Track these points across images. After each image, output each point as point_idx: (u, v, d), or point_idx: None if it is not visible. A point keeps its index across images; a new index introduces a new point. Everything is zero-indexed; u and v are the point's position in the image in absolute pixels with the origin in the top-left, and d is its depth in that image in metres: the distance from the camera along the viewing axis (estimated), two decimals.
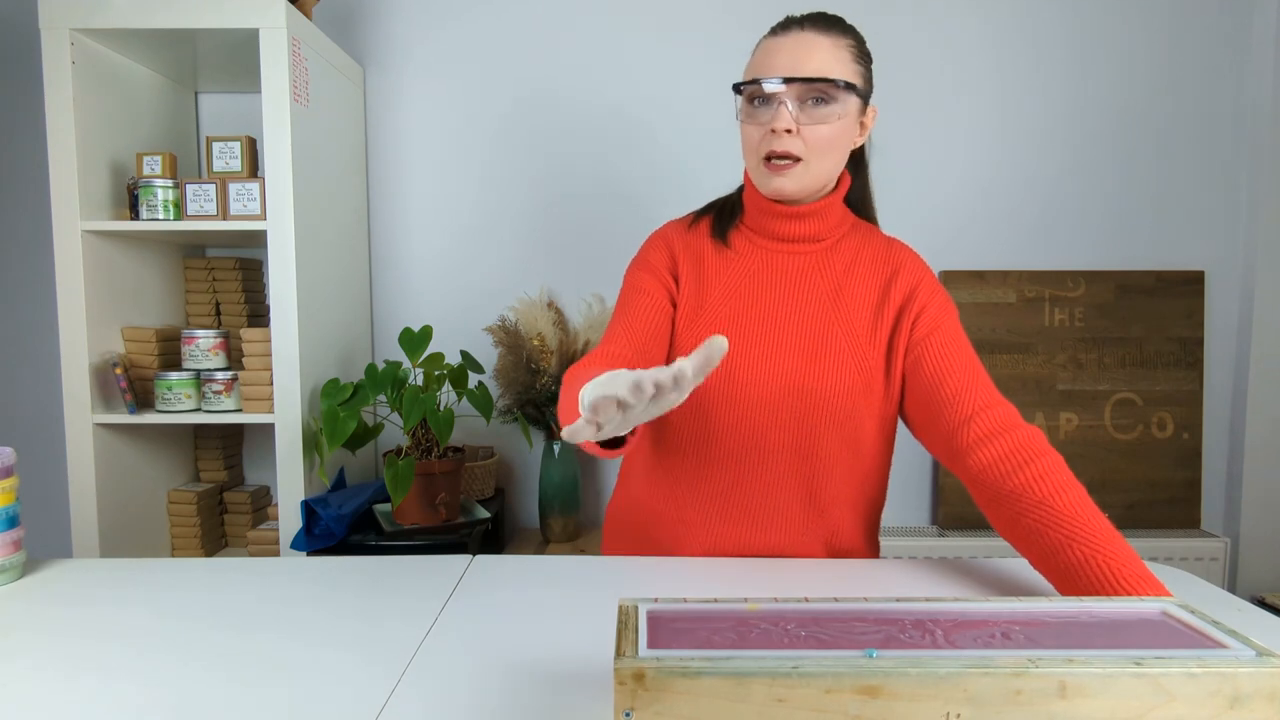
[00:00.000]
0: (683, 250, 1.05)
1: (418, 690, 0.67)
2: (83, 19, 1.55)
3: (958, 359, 0.96)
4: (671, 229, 1.09)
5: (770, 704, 0.50)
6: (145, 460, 1.79)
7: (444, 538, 1.62)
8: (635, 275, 1.05)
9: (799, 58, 0.91)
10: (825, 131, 0.93)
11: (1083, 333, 2.03)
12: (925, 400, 0.97)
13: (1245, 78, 2.02)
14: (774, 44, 0.94)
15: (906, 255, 1.04)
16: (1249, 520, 2.04)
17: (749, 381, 0.98)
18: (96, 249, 1.63)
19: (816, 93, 0.92)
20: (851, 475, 1.02)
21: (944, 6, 2.01)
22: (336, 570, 0.97)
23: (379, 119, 2.06)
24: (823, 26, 0.93)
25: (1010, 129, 2.04)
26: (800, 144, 0.93)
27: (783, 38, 0.94)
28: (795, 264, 1.02)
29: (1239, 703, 0.51)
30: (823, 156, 0.94)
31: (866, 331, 1.00)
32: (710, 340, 0.57)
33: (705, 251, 1.05)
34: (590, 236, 2.06)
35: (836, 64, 0.92)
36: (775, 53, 0.93)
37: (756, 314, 1.01)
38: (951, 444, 0.93)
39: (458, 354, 2.01)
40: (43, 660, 0.73)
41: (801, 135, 0.92)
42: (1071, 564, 0.79)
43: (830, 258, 1.03)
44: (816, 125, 0.92)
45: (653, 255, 1.06)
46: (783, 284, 1.02)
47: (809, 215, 1.01)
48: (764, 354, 0.99)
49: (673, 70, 2.02)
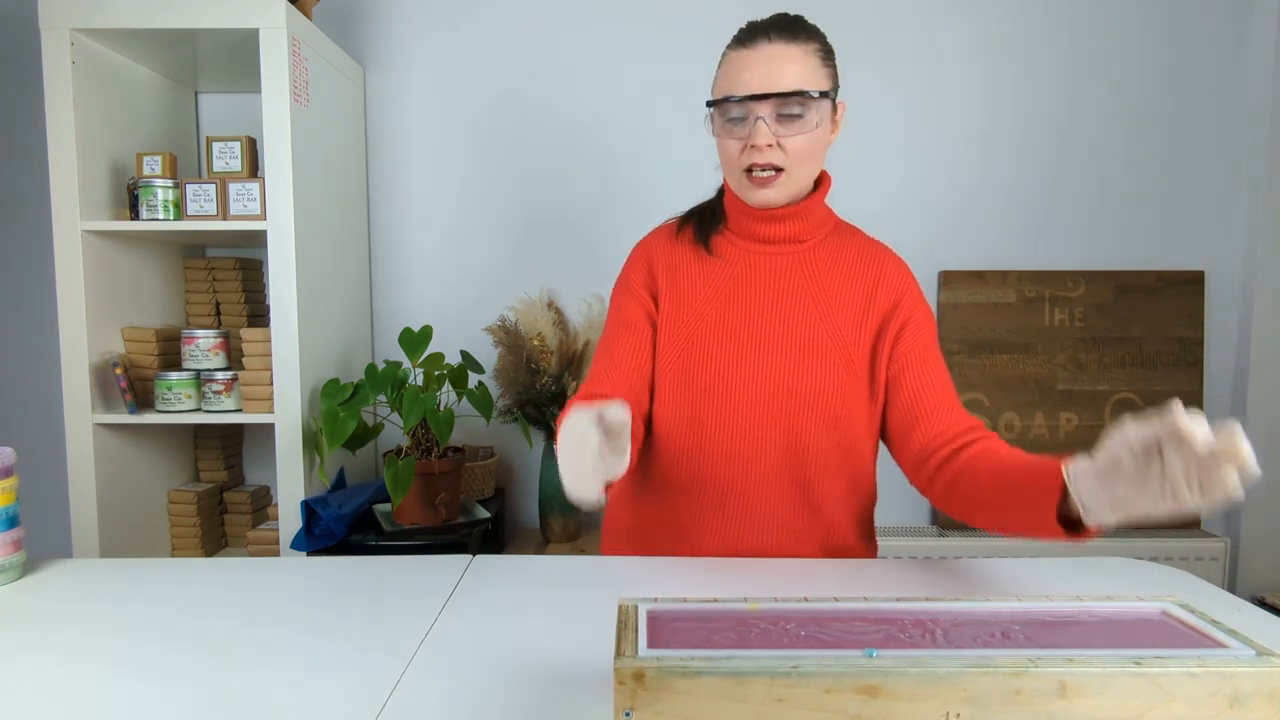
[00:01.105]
0: (661, 262, 1.06)
1: (418, 690, 0.67)
2: (83, 19, 1.55)
3: (935, 383, 0.99)
4: (653, 240, 1.10)
5: (770, 704, 0.50)
6: (145, 460, 1.79)
7: (444, 538, 1.62)
8: (618, 301, 1.08)
9: (771, 72, 0.91)
10: (804, 140, 0.93)
11: (1083, 333, 2.03)
12: (901, 420, 0.99)
13: (1245, 78, 2.02)
14: (742, 57, 0.94)
15: (890, 259, 1.05)
16: (1249, 520, 2.04)
17: (738, 380, 0.99)
18: (96, 249, 1.63)
19: (793, 105, 0.92)
20: (843, 473, 1.02)
21: (943, 4, 2.01)
22: (336, 570, 0.97)
23: (379, 119, 2.06)
24: (788, 34, 0.93)
25: (1010, 129, 2.04)
26: (781, 155, 0.93)
27: (751, 50, 0.93)
28: (778, 265, 1.03)
29: (1239, 702, 0.51)
30: (803, 165, 0.95)
31: (852, 331, 1.00)
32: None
33: (687, 259, 1.06)
34: (590, 236, 2.06)
35: (808, 73, 0.92)
36: (745, 67, 0.93)
37: (742, 315, 1.01)
38: (922, 466, 0.96)
39: (458, 354, 2.00)
40: (43, 660, 0.73)
41: (783, 146, 0.93)
42: (1011, 483, 0.82)
43: (813, 258, 1.03)
44: (794, 136, 0.93)
45: (632, 275, 1.08)
46: (766, 285, 1.02)
47: (791, 217, 1.01)
48: (751, 354, 1.00)
49: (673, 69, 2.02)
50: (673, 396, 1.02)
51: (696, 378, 1.00)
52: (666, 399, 1.03)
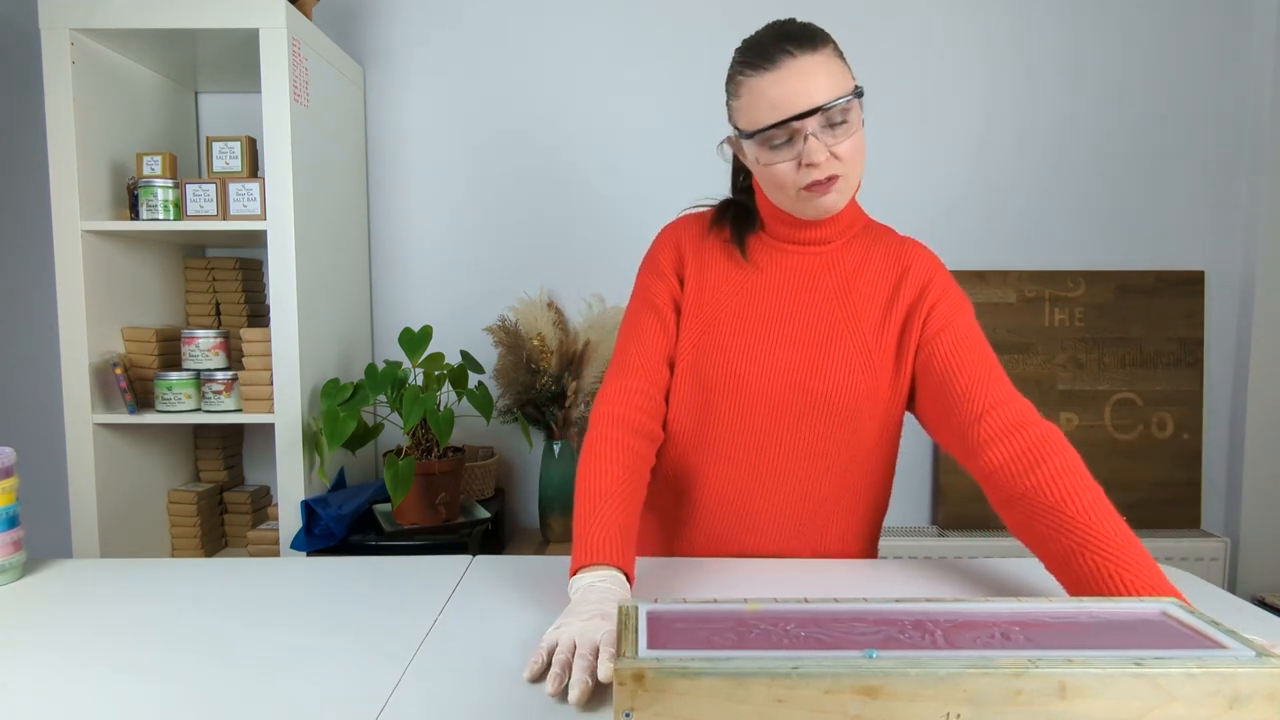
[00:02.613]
0: (691, 248, 1.05)
1: (418, 690, 0.67)
2: (83, 19, 1.55)
3: (970, 354, 0.94)
4: (684, 226, 1.08)
5: (770, 704, 0.50)
6: (145, 460, 1.79)
7: (444, 538, 1.62)
8: (644, 282, 1.06)
9: (807, 88, 0.88)
10: (852, 143, 0.91)
11: (1083, 333, 2.03)
12: (937, 397, 0.95)
13: (1245, 78, 2.02)
14: (770, 80, 0.90)
15: (918, 253, 1.02)
16: (1249, 520, 2.04)
17: (752, 375, 0.98)
18: (96, 249, 1.63)
19: (838, 114, 0.89)
20: (850, 478, 1.01)
21: (943, 4, 2.01)
22: (336, 570, 0.97)
23: (379, 119, 2.06)
24: (809, 45, 0.90)
25: (1010, 129, 2.04)
26: (837, 163, 0.91)
27: (774, 72, 0.89)
28: (805, 263, 1.02)
29: (1238, 703, 0.51)
30: (855, 165, 0.93)
31: (874, 331, 0.99)
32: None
33: (716, 250, 1.05)
34: (590, 236, 2.06)
35: (839, 77, 0.90)
36: (777, 88, 0.89)
37: (762, 309, 1.00)
38: (964, 441, 0.91)
39: (458, 354, 2.01)
40: (43, 660, 0.73)
41: (835, 154, 0.90)
42: (1084, 571, 0.78)
43: (841, 257, 1.02)
44: (843, 141, 0.90)
45: (662, 255, 1.06)
46: (791, 282, 1.01)
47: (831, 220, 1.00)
48: (767, 349, 0.99)
49: (673, 69, 2.02)
50: (683, 385, 1.02)
51: (708, 369, 1.00)
52: (677, 387, 1.02)
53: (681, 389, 1.02)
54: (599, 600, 0.75)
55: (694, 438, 1.02)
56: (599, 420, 0.97)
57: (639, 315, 1.04)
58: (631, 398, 0.98)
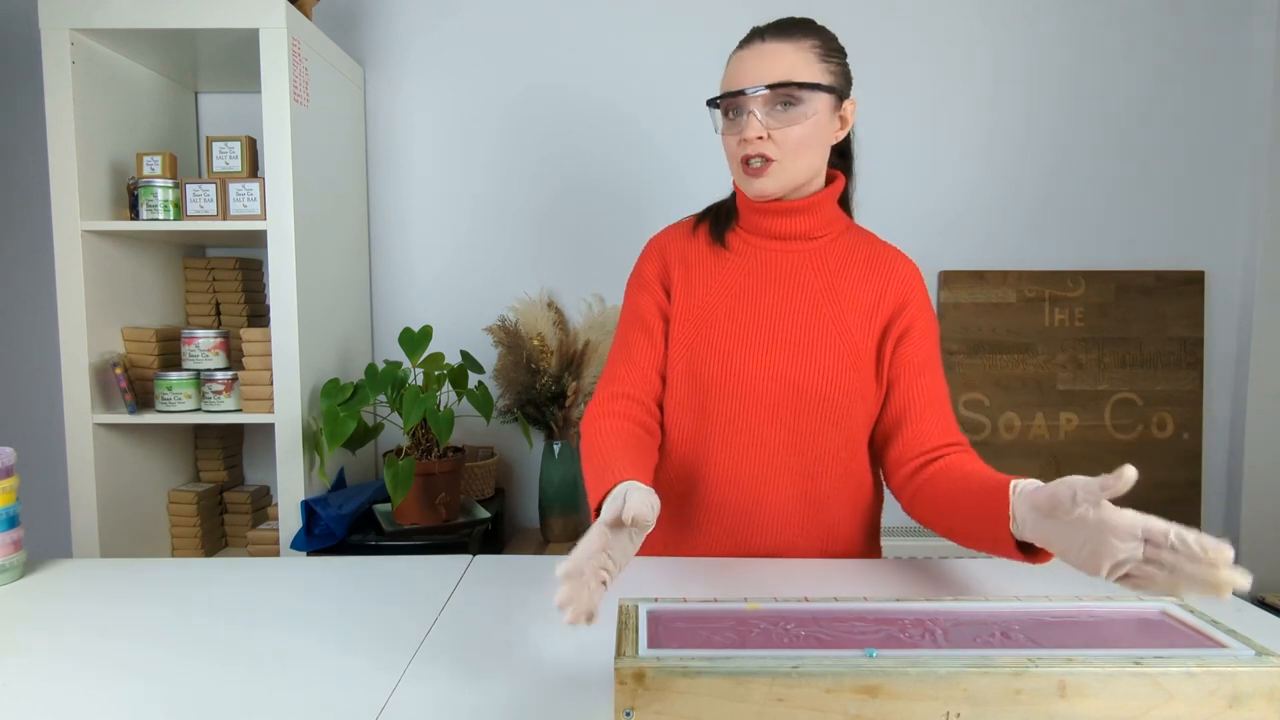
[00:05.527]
0: (675, 257, 1.08)
1: (418, 690, 0.67)
2: (83, 19, 1.55)
3: (926, 393, 1.00)
4: (667, 236, 1.11)
5: (770, 703, 0.50)
6: (145, 460, 1.79)
7: (444, 538, 1.62)
8: (632, 297, 1.09)
9: (761, 68, 0.95)
10: (797, 132, 0.96)
11: (1083, 332, 2.03)
12: (887, 425, 1.02)
13: (1246, 77, 2.02)
14: (739, 57, 0.98)
15: (903, 262, 1.05)
16: (1249, 520, 2.04)
17: (745, 375, 1.00)
18: (96, 249, 1.63)
19: (782, 97, 0.95)
20: (848, 473, 1.03)
21: (943, 5, 2.01)
22: (336, 570, 0.97)
23: (379, 119, 2.06)
24: (785, 33, 0.96)
25: (1010, 129, 2.04)
26: (773, 147, 0.96)
27: (746, 50, 0.98)
28: (789, 261, 1.04)
29: (1238, 702, 0.51)
30: (795, 156, 0.97)
31: (860, 330, 1.01)
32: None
33: (702, 253, 1.07)
34: (590, 236, 2.06)
35: (801, 66, 0.94)
36: (740, 65, 0.97)
37: (751, 310, 1.02)
38: (899, 472, 0.99)
39: (458, 354, 2.00)
40: (43, 660, 0.73)
41: (774, 139, 0.96)
42: (956, 495, 0.86)
43: (824, 256, 1.04)
44: (788, 128, 0.95)
45: (646, 268, 1.10)
46: (777, 281, 1.03)
47: (799, 211, 1.02)
48: (759, 349, 1.00)
49: (673, 69, 2.02)
50: (679, 389, 1.03)
51: (703, 371, 1.01)
52: (673, 391, 1.04)
53: (679, 391, 1.03)
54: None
55: (694, 439, 1.03)
56: (590, 415, 1.01)
57: (627, 333, 1.08)
58: (618, 403, 1.02)
